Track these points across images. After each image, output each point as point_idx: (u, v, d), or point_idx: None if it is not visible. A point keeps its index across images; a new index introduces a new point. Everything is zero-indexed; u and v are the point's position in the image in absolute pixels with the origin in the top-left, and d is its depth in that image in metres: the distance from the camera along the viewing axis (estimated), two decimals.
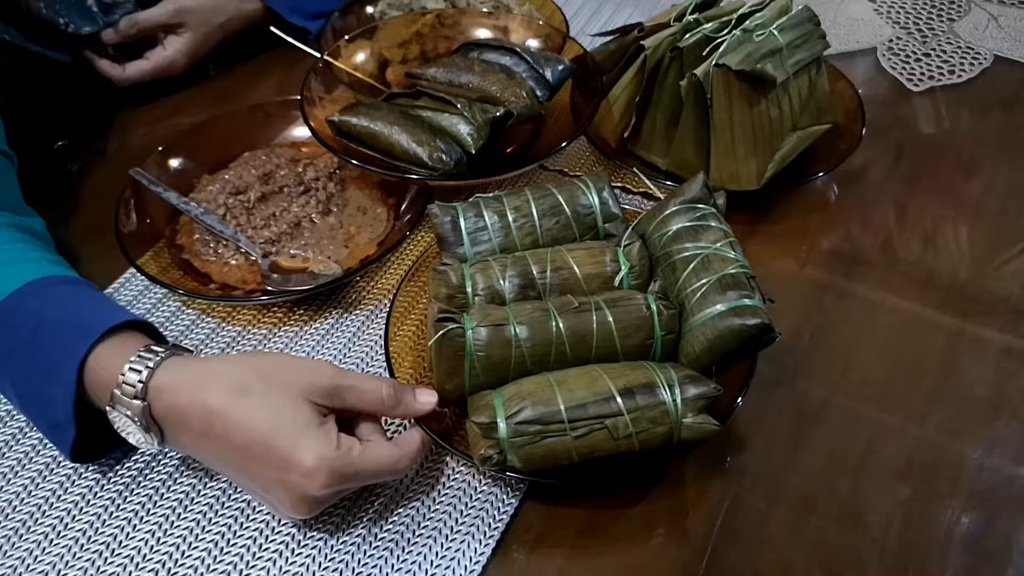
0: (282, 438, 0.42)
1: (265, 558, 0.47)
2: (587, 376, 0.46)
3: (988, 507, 0.49)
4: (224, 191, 0.67)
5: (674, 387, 0.46)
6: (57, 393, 0.45)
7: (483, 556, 0.47)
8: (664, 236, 0.53)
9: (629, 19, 0.90)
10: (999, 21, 0.92)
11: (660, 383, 0.46)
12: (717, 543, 0.47)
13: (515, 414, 0.45)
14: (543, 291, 0.51)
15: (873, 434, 0.53)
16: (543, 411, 0.45)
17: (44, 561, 0.47)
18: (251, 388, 0.43)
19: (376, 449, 0.45)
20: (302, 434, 0.42)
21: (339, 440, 0.43)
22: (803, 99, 0.67)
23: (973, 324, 0.60)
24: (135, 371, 0.44)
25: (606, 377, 0.46)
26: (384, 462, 0.45)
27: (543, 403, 0.45)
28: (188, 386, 0.44)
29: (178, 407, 0.44)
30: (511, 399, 0.46)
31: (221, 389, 0.43)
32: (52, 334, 0.46)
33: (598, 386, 0.46)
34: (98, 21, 0.76)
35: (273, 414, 0.42)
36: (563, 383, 0.46)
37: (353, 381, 0.46)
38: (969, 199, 0.71)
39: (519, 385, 0.47)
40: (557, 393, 0.45)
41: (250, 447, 0.42)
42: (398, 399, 0.47)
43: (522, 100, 0.67)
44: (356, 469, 0.43)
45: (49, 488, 0.50)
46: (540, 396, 0.45)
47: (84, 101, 0.79)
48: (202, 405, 0.43)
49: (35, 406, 0.47)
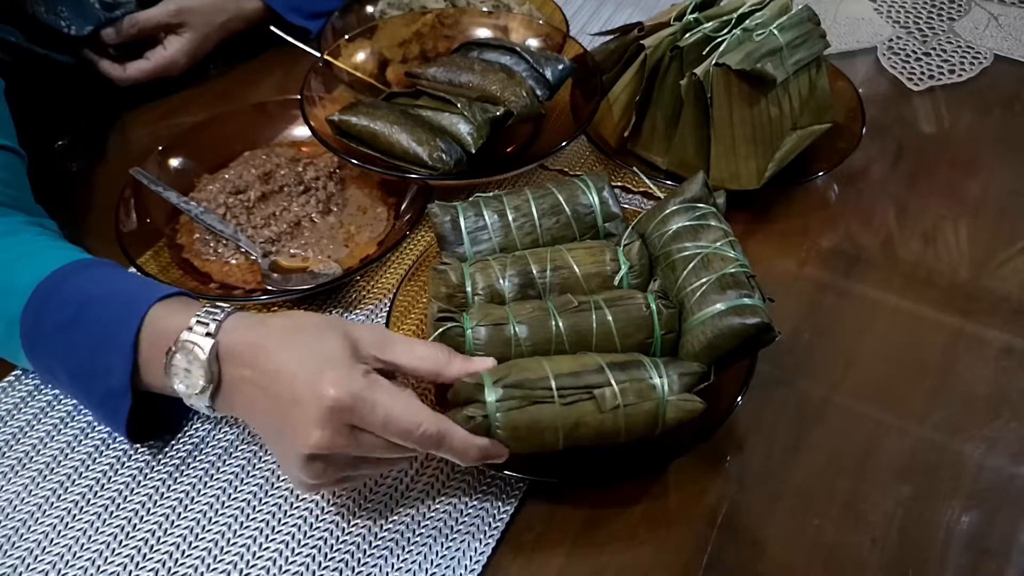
0: (310, 365, 0.41)
1: (265, 557, 0.47)
2: (577, 357, 0.47)
3: (988, 506, 0.49)
4: (224, 190, 0.67)
5: (659, 367, 0.46)
6: (113, 360, 0.46)
7: (483, 556, 0.47)
8: (664, 235, 0.53)
9: (629, 18, 0.90)
10: (999, 20, 0.92)
11: (647, 365, 0.46)
12: (717, 542, 0.47)
13: (503, 377, 0.44)
14: (543, 290, 0.52)
15: (873, 433, 0.53)
16: (531, 376, 0.44)
17: (45, 560, 0.47)
18: (303, 326, 0.44)
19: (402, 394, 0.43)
20: (331, 360, 0.42)
21: (368, 376, 0.42)
22: (803, 98, 0.67)
23: (973, 323, 0.60)
24: (207, 315, 0.45)
25: (595, 354, 0.47)
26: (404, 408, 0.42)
27: (530, 370, 0.45)
28: (250, 324, 0.45)
29: (239, 342, 0.44)
30: (499, 368, 0.46)
31: (276, 324, 0.45)
32: (100, 308, 0.47)
33: (587, 360, 0.46)
34: (98, 18, 0.76)
35: (312, 346, 0.42)
36: (552, 360, 0.46)
37: (404, 339, 0.46)
38: (969, 198, 0.71)
39: (510, 364, 0.46)
40: (546, 365, 0.45)
41: (279, 373, 0.42)
42: (449, 360, 0.45)
43: (522, 99, 0.67)
44: (373, 397, 0.41)
45: (50, 487, 0.50)
46: (528, 365, 0.46)
47: (84, 101, 0.80)
48: (257, 343, 0.44)
49: (88, 379, 0.47)
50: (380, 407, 0.41)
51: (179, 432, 0.52)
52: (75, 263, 0.50)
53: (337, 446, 0.41)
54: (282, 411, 0.42)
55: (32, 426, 0.53)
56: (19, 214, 0.55)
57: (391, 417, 0.41)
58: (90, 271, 0.50)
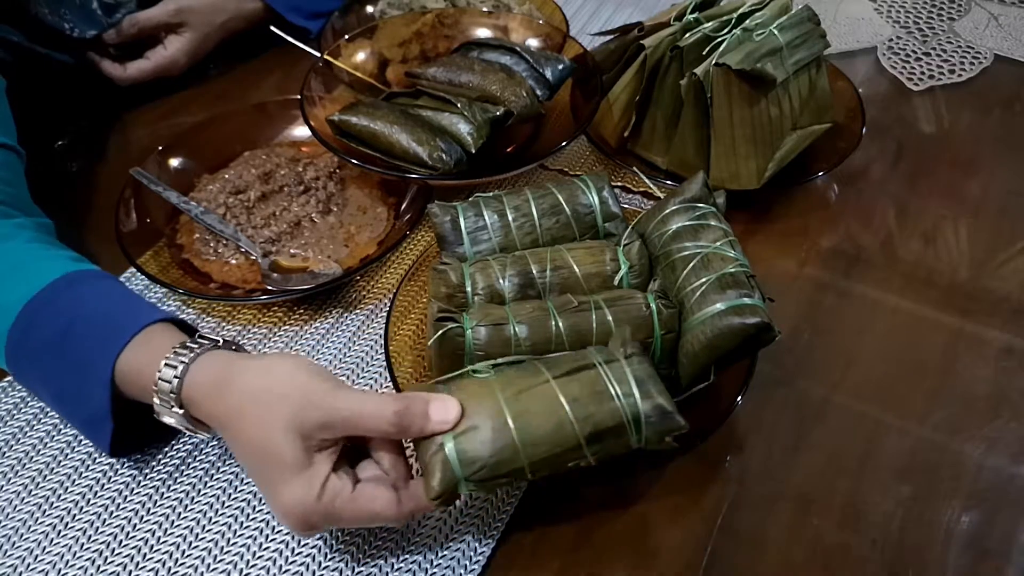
0: (265, 469, 0.42)
1: (265, 558, 0.47)
2: (549, 417, 0.41)
3: (988, 506, 0.49)
4: (224, 190, 0.67)
5: (640, 423, 0.42)
6: (93, 390, 0.46)
7: (482, 557, 0.47)
8: (664, 235, 0.53)
9: (629, 18, 0.90)
10: (999, 20, 0.92)
11: (628, 422, 0.42)
12: (717, 543, 0.47)
13: (476, 472, 0.41)
14: (543, 290, 0.51)
15: (873, 433, 0.53)
16: (505, 470, 0.41)
17: (44, 560, 0.47)
18: (248, 412, 0.42)
19: (368, 497, 0.41)
20: (283, 474, 0.40)
21: (324, 488, 0.40)
22: (803, 98, 0.67)
23: (973, 323, 0.60)
24: (166, 381, 0.44)
25: (571, 420, 0.41)
26: (375, 512, 0.41)
27: (505, 461, 0.41)
28: (206, 394, 0.44)
29: (202, 415, 0.45)
30: (467, 450, 0.41)
31: (227, 403, 0.43)
32: (85, 330, 0.47)
33: (562, 435, 0.41)
34: (102, 23, 0.76)
35: (262, 446, 0.41)
36: (523, 428, 0.41)
37: (351, 407, 0.41)
38: (969, 198, 0.70)
39: (474, 430, 0.41)
40: (518, 443, 0.41)
41: (244, 461, 0.44)
42: (404, 425, 0.41)
43: (522, 99, 0.67)
44: (338, 519, 0.41)
45: (50, 488, 0.50)
46: (501, 451, 0.41)
47: (85, 101, 0.80)
48: (216, 416, 0.44)
49: (70, 402, 0.48)
50: (343, 520, 0.42)
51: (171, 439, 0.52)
52: (63, 279, 0.49)
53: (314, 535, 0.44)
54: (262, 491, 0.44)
55: (32, 426, 0.53)
56: (16, 214, 0.55)
57: (357, 521, 0.42)
58: (81, 286, 0.49)
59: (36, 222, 0.56)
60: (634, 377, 0.43)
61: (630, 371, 0.43)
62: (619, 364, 0.44)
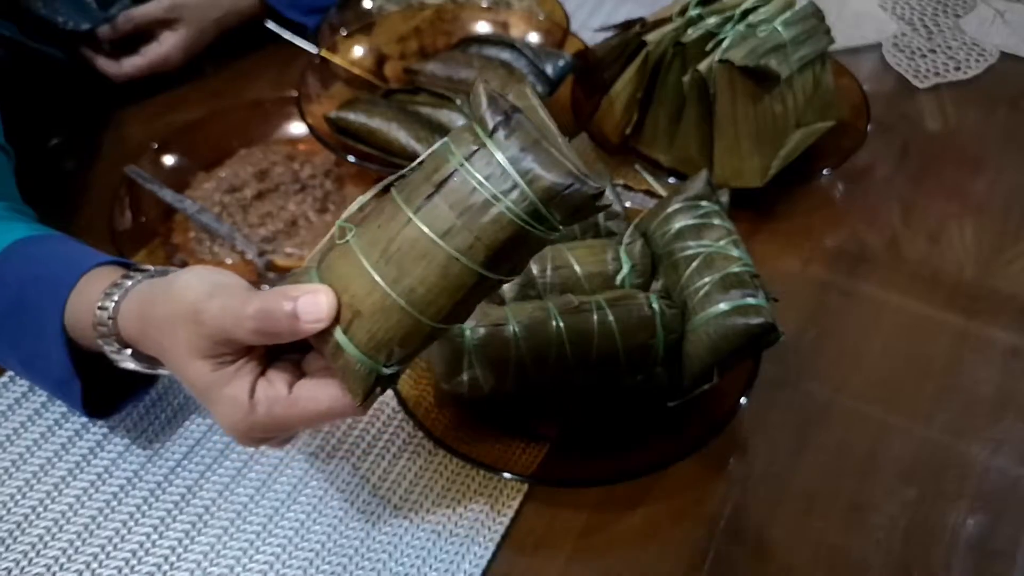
0: (199, 395, 0.40)
1: (265, 558, 0.46)
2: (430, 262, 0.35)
3: (994, 508, 0.49)
4: (220, 189, 0.66)
5: (543, 215, 0.33)
6: (51, 349, 0.45)
7: (483, 559, 0.46)
8: (666, 234, 0.52)
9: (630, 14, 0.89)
10: (1005, 17, 0.91)
11: (524, 221, 0.34)
12: (720, 544, 0.47)
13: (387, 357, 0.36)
14: (543, 290, 0.51)
15: (878, 434, 0.52)
16: (416, 339, 0.36)
17: (43, 561, 0.46)
18: (163, 346, 0.40)
19: (309, 398, 0.38)
20: (211, 396, 0.39)
21: (253, 400, 0.38)
22: (807, 95, 0.67)
23: (979, 323, 0.59)
24: (102, 309, 0.42)
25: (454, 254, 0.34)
26: (322, 411, 0.38)
27: (410, 330, 0.35)
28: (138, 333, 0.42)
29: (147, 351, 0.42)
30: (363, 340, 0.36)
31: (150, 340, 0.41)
32: (35, 291, 0.46)
33: (454, 277, 0.35)
34: (96, 17, 0.75)
35: (181, 375, 0.40)
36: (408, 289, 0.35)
37: (219, 320, 0.37)
38: (975, 197, 0.70)
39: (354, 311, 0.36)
40: (409, 309, 0.35)
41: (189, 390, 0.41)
42: (269, 331, 0.36)
43: None
44: (283, 425, 0.39)
45: (46, 488, 0.49)
46: (394, 321, 0.35)
47: (78, 98, 0.79)
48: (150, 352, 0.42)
49: (35, 367, 0.47)
50: (292, 425, 0.39)
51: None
52: (17, 243, 0.48)
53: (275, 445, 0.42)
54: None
55: (27, 428, 0.52)
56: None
57: (307, 423, 0.40)
58: (30, 249, 0.48)
59: (13, 206, 0.54)
60: (508, 159, 0.33)
61: (500, 154, 0.33)
62: (484, 152, 0.33)
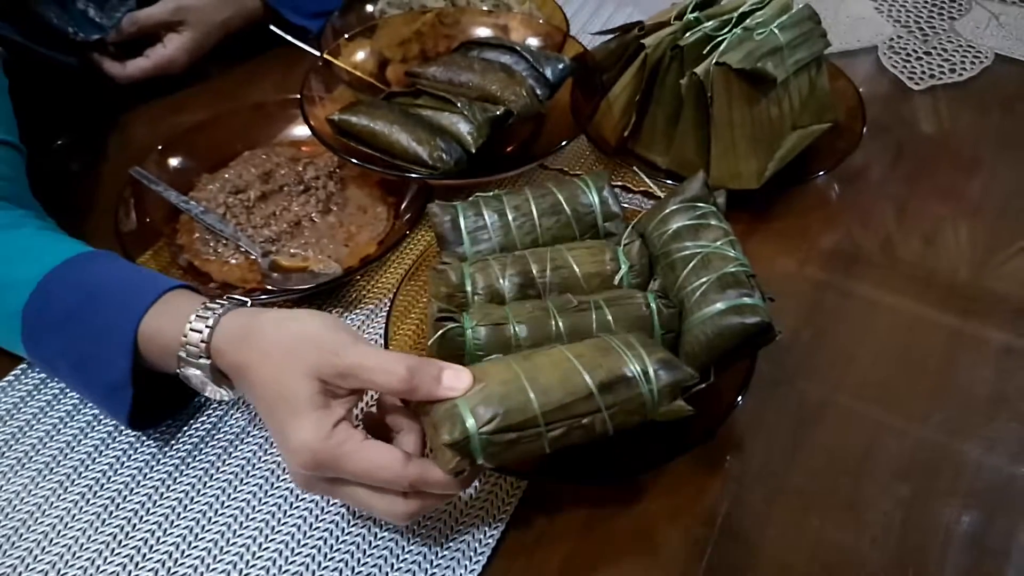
0: (281, 408, 0.42)
1: (265, 557, 0.47)
2: (558, 368, 0.42)
3: (988, 506, 0.49)
4: (224, 190, 0.66)
5: (648, 374, 0.43)
6: (114, 355, 0.46)
7: (483, 556, 0.47)
8: (664, 235, 0.53)
9: (629, 18, 0.90)
10: (1000, 20, 0.92)
11: (635, 372, 0.43)
12: (717, 543, 0.47)
13: (488, 423, 0.40)
14: (543, 290, 0.51)
15: (873, 433, 0.53)
16: (518, 419, 0.41)
17: (44, 561, 0.47)
18: (270, 355, 0.43)
19: (376, 448, 0.42)
20: (296, 412, 0.41)
21: (335, 429, 0.41)
22: (803, 98, 0.67)
23: (973, 323, 0.60)
24: (196, 331, 0.45)
25: (580, 369, 0.42)
26: (381, 463, 0.41)
27: (517, 409, 0.41)
28: (233, 345, 0.45)
29: (226, 365, 0.45)
30: (481, 405, 0.41)
31: (249, 349, 0.44)
32: (102, 301, 0.48)
33: (574, 383, 0.42)
34: (104, 28, 0.76)
35: (280, 384, 0.42)
36: (534, 379, 0.42)
37: (365, 358, 0.42)
38: (969, 198, 0.70)
39: (485, 386, 0.42)
40: (530, 392, 0.41)
41: (263, 404, 0.44)
42: (414, 384, 0.41)
43: (522, 99, 0.67)
44: (344, 463, 0.41)
45: (49, 487, 0.50)
46: (512, 400, 0.41)
47: (84, 100, 0.79)
48: (238, 363, 0.44)
49: (91, 369, 0.48)
50: (347, 471, 0.42)
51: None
52: (80, 256, 0.50)
53: (318, 490, 0.44)
54: (273, 436, 0.44)
55: (32, 425, 0.53)
56: (19, 209, 0.55)
57: (361, 476, 0.42)
58: (95, 263, 0.51)
59: (41, 218, 0.57)
60: (638, 340, 0.45)
61: (634, 338, 0.46)
62: (623, 335, 0.46)
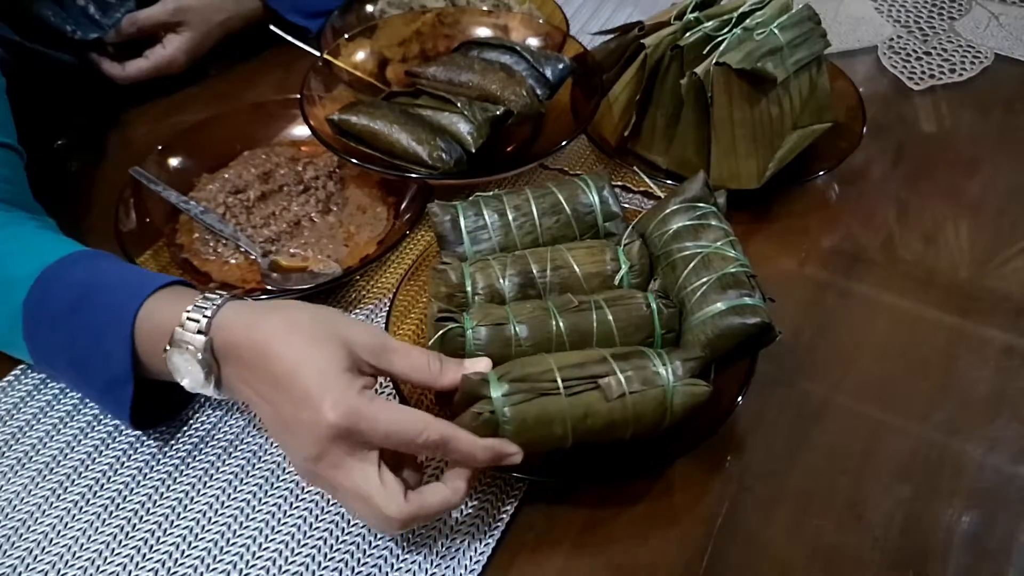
0: (310, 372, 0.42)
1: (265, 557, 0.47)
2: (581, 351, 0.47)
3: (989, 506, 0.49)
4: (224, 190, 0.66)
5: (662, 356, 0.46)
6: (113, 348, 0.46)
7: (483, 556, 0.47)
8: (664, 235, 0.53)
9: (629, 18, 0.90)
10: (1000, 20, 0.92)
11: (650, 354, 0.46)
12: (717, 542, 0.47)
13: (507, 372, 0.44)
14: (543, 290, 0.51)
15: (874, 433, 0.53)
16: (535, 370, 0.44)
17: (44, 560, 0.47)
18: (300, 326, 0.43)
19: (400, 410, 0.42)
20: (330, 373, 0.42)
21: (364, 390, 0.42)
22: (804, 98, 0.67)
23: (974, 323, 0.60)
24: (198, 310, 0.45)
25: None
26: (405, 418, 0.42)
27: (535, 365, 0.45)
28: (245, 322, 0.44)
29: (234, 341, 0.44)
30: (503, 366, 0.46)
31: (272, 324, 0.44)
32: (102, 296, 0.48)
33: (590, 353, 0.46)
34: (104, 27, 0.76)
35: (310, 351, 0.42)
36: (556, 356, 0.46)
37: (401, 346, 0.45)
38: (970, 198, 0.70)
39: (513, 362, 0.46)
40: (550, 360, 0.45)
41: (281, 376, 0.42)
42: (443, 369, 0.45)
43: (522, 99, 0.67)
44: (373, 414, 0.41)
45: (50, 487, 0.50)
46: (532, 361, 0.46)
47: (84, 100, 0.79)
48: (253, 339, 0.44)
49: (90, 365, 0.48)
50: (381, 422, 0.41)
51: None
52: (78, 253, 0.50)
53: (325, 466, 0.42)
54: (284, 418, 0.43)
55: (32, 426, 0.53)
56: (18, 210, 0.55)
57: (392, 429, 0.42)
58: (93, 260, 0.51)
59: (41, 219, 0.57)
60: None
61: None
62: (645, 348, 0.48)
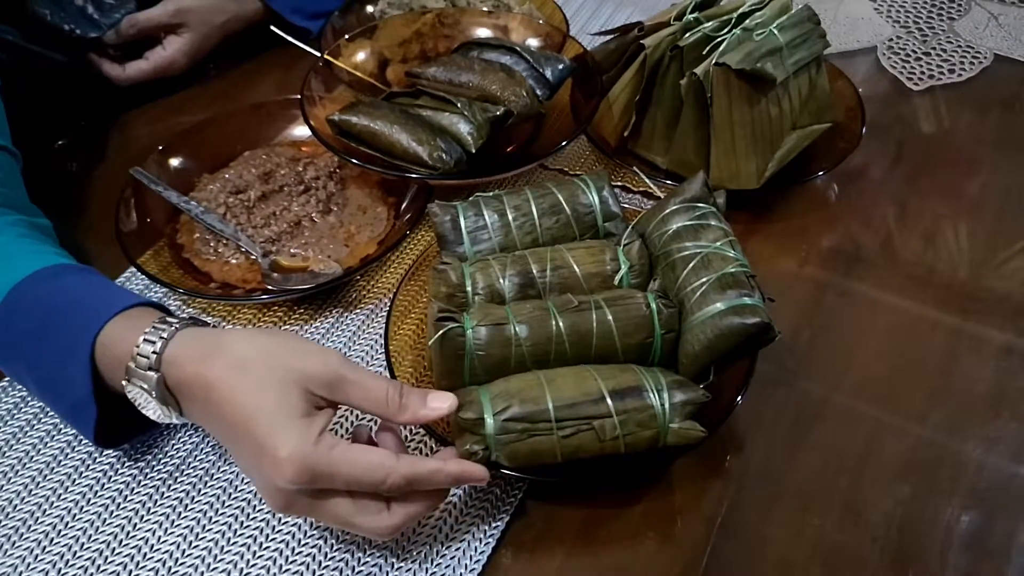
0: (261, 422, 0.40)
1: (265, 557, 0.47)
2: (577, 376, 0.46)
3: (988, 506, 0.49)
4: (224, 190, 0.67)
5: (662, 391, 0.46)
6: (74, 374, 0.45)
7: (483, 556, 0.47)
8: (664, 235, 0.53)
9: (629, 18, 0.90)
10: (999, 20, 0.92)
11: (649, 387, 0.46)
12: (717, 542, 0.47)
13: (503, 411, 0.44)
14: (543, 290, 0.52)
15: (873, 433, 0.53)
16: (531, 409, 0.44)
17: (45, 560, 0.47)
18: (250, 366, 0.42)
19: (365, 448, 0.41)
20: (282, 422, 0.40)
21: (321, 436, 0.40)
22: (803, 98, 0.67)
23: (973, 323, 0.60)
24: (149, 342, 0.43)
25: (596, 378, 0.46)
26: (372, 461, 0.41)
27: (531, 401, 0.45)
28: (194, 358, 0.43)
29: (184, 379, 0.43)
30: (499, 396, 0.45)
31: (222, 363, 0.42)
32: (62, 319, 0.47)
33: (587, 387, 0.45)
34: (101, 26, 0.76)
35: (261, 397, 0.41)
36: (552, 382, 0.46)
37: (358, 377, 0.43)
38: (969, 198, 0.71)
39: (507, 382, 0.46)
40: (546, 391, 0.45)
41: (235, 426, 0.41)
42: (403, 404, 0.43)
43: (522, 99, 0.67)
44: (331, 469, 0.40)
45: (50, 487, 0.50)
46: (528, 394, 0.45)
47: (84, 100, 0.80)
48: (203, 378, 0.42)
49: (53, 390, 0.48)
50: (340, 476, 0.40)
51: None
52: (48, 269, 0.49)
53: (297, 508, 0.42)
54: (245, 464, 0.43)
55: (33, 425, 0.53)
56: (9, 213, 0.54)
57: (353, 479, 0.41)
58: (61, 279, 0.49)
59: (31, 221, 0.55)
60: (657, 368, 0.48)
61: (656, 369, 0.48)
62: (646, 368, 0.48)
